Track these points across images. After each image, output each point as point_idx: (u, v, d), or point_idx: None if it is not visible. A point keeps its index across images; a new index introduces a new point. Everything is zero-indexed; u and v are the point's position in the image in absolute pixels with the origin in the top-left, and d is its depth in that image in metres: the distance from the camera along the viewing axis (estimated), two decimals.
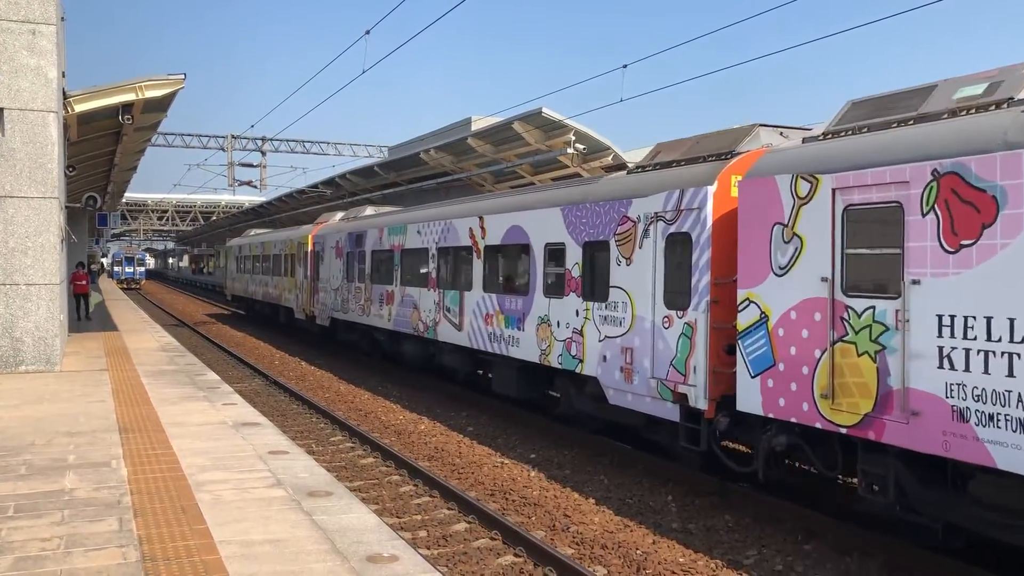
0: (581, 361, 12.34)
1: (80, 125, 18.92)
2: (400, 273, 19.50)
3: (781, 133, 10.76)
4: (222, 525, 6.32)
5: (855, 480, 9.02)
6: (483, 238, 15.39)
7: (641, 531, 9.31)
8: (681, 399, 10.26)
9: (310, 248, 27.55)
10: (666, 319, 10.59)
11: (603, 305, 11.84)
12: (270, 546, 5.88)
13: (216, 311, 49.16)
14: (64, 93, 16.40)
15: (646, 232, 10.99)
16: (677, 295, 10.44)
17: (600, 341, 11.89)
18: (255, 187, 40.31)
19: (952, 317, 7.14)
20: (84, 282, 27.88)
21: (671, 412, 10.47)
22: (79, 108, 16.98)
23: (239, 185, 40.15)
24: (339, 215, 27.56)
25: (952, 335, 7.13)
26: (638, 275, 11.12)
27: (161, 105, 19.14)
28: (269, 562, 5.56)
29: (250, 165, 39.87)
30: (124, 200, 64.69)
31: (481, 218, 15.51)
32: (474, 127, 29.02)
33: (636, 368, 11.08)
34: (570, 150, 22.18)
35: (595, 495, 10.70)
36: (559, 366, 12.89)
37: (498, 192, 16.72)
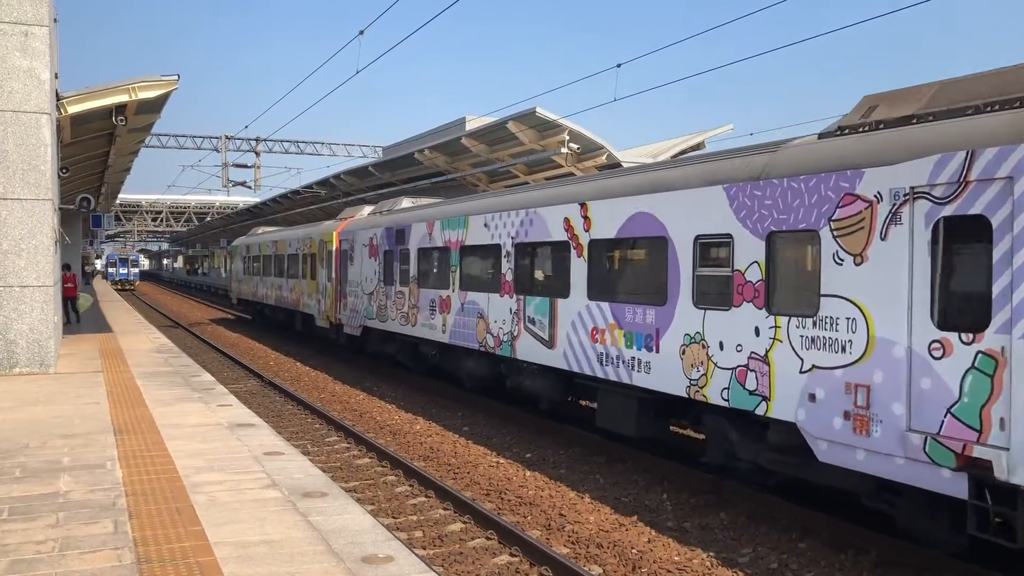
0: (766, 399, 9.00)
1: (73, 126, 18.88)
2: (459, 275, 16.27)
3: None
4: (217, 526, 6.32)
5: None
6: (587, 230, 12.20)
7: (637, 530, 9.33)
8: (973, 466, 7.03)
9: (335, 246, 24.31)
10: (938, 345, 7.33)
11: (809, 321, 8.51)
12: (265, 547, 5.88)
13: (213, 314, 49.07)
14: (57, 94, 16.37)
15: (895, 216, 7.69)
16: (961, 310, 7.22)
17: (804, 373, 8.55)
18: (249, 188, 40.30)
19: None
20: (71, 284, 27.61)
21: (950, 484, 7.15)
22: (72, 109, 16.95)
23: (233, 186, 40.11)
24: (367, 209, 24.19)
25: None
26: (879, 279, 7.81)
27: (154, 106, 19.11)
28: (264, 563, 5.57)
29: (244, 166, 39.83)
30: (118, 201, 64.56)
31: (584, 205, 12.29)
32: (468, 127, 29.03)
33: (877, 415, 7.78)
34: (564, 150, 22.22)
35: (591, 494, 10.72)
36: (723, 403, 9.60)
37: (604, 173, 13.21)
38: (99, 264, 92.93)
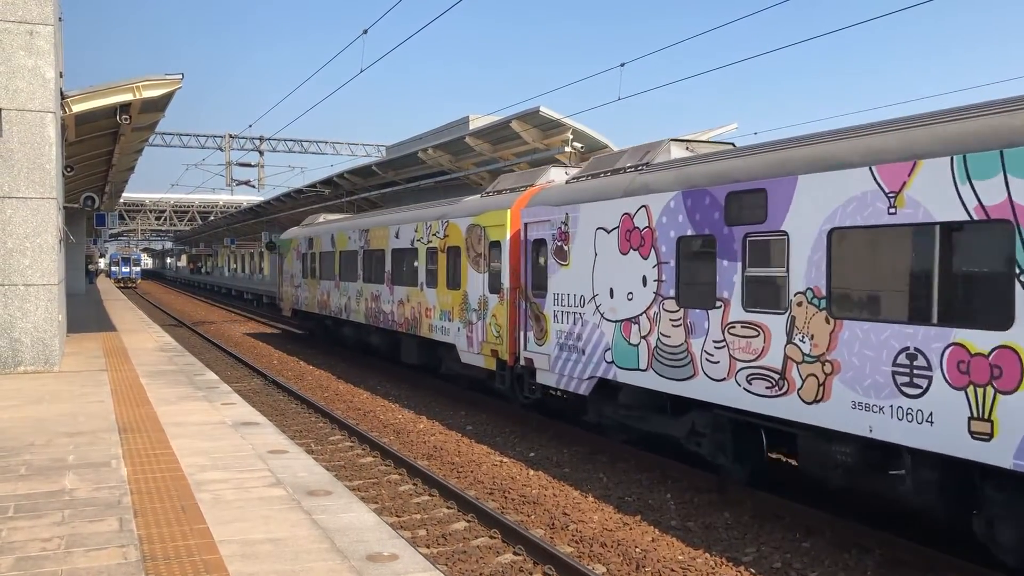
0: None
1: (78, 125, 18.91)
2: None
3: None
4: (222, 524, 6.34)
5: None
6: None
7: (640, 529, 9.34)
8: None
9: (509, 235, 14.70)
10: None
11: None
12: (270, 545, 5.90)
13: (217, 313, 49.18)
14: (62, 93, 16.39)
15: None
16: None
17: None
18: (253, 187, 40.26)
19: None
20: None
21: None
22: (77, 108, 16.96)
23: (237, 185, 40.11)
24: (552, 171, 15.44)
25: None
26: None
27: (158, 105, 19.12)
28: (269, 561, 5.58)
29: (248, 165, 39.84)
30: (122, 200, 64.61)
31: None
32: (472, 126, 29.01)
33: None
34: (568, 148, 22.21)
35: (594, 493, 10.73)
36: None
37: None
38: (103, 263, 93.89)
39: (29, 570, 5.36)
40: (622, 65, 18.16)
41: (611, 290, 11.80)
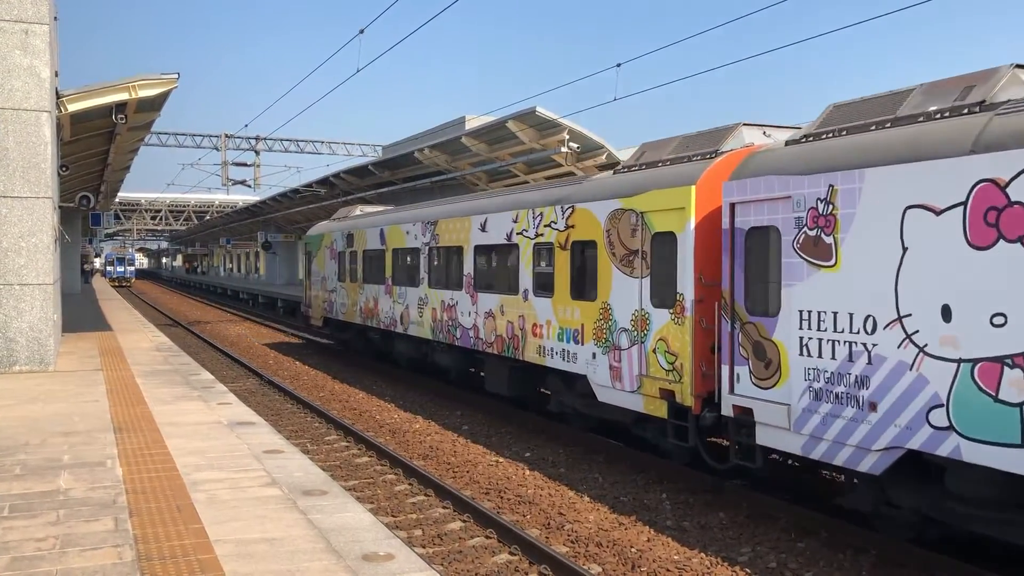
0: None
1: (73, 124, 18.88)
2: None
3: None
4: (218, 524, 6.33)
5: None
6: None
7: (636, 529, 9.35)
8: None
9: (693, 223, 10.33)
10: None
11: None
12: (266, 545, 5.89)
13: (212, 313, 49.11)
14: (57, 93, 16.36)
15: None
16: None
17: None
18: (249, 186, 40.31)
19: None
20: None
21: None
22: (72, 108, 16.93)
23: (233, 184, 40.11)
24: (744, 132, 11.06)
25: None
26: None
27: (154, 104, 19.09)
28: (265, 561, 5.58)
29: (244, 164, 39.83)
30: (117, 200, 64.55)
31: None
32: (468, 126, 29.03)
33: None
34: (564, 149, 22.22)
35: (590, 493, 10.74)
36: None
37: None
38: (98, 263, 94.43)
39: (24, 570, 5.35)
40: (618, 65, 18.18)
41: (945, 308, 7.37)
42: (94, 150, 24.48)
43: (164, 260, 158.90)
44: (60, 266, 21.16)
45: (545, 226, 13.46)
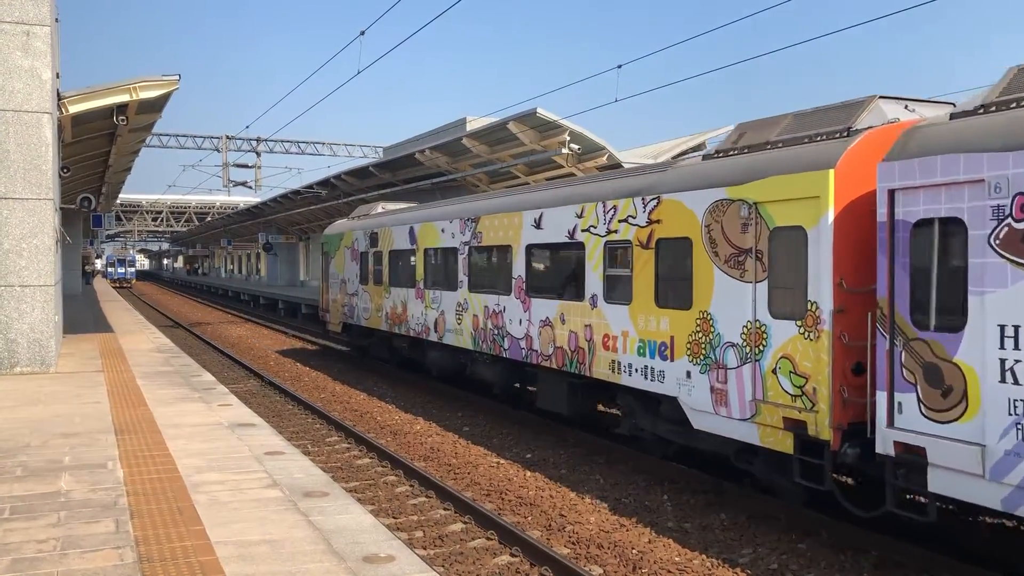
0: None
1: (74, 126, 18.89)
2: None
3: None
4: (219, 526, 6.33)
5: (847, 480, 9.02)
6: None
7: (637, 530, 9.34)
8: None
9: (832, 215, 8.44)
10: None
11: None
12: (267, 546, 5.89)
13: (213, 315, 49.13)
14: (58, 94, 16.38)
15: None
16: None
17: None
18: (250, 188, 40.31)
19: None
20: None
21: None
22: (73, 109, 16.95)
23: (234, 186, 40.12)
24: (881, 105, 9.23)
25: None
26: None
27: (155, 106, 19.11)
28: (266, 562, 5.57)
29: (245, 166, 39.85)
30: (118, 201, 64.60)
31: None
32: (469, 127, 29.04)
33: None
34: (565, 150, 22.24)
35: (591, 494, 10.73)
36: None
37: None
38: (99, 264, 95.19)
39: (25, 571, 5.35)
40: (619, 67, 18.19)
41: None
42: (95, 151, 24.51)
43: (165, 261, 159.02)
44: (61, 267, 21.16)
45: (620, 221, 11.62)
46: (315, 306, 39.74)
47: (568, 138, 22.33)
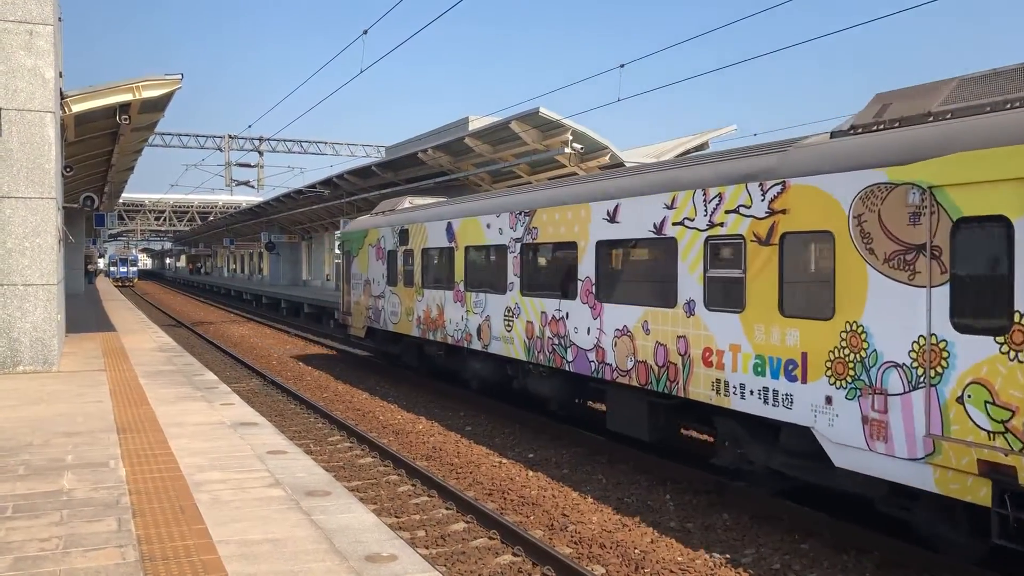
0: None
1: (77, 125, 18.90)
2: None
3: None
4: (221, 525, 6.33)
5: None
6: None
7: (639, 530, 9.33)
8: None
9: None
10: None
11: None
12: (269, 545, 5.89)
13: (216, 314, 49.17)
14: (61, 93, 16.39)
15: None
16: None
17: None
18: (252, 187, 40.29)
19: None
20: None
21: None
22: (76, 108, 16.96)
23: (236, 185, 40.12)
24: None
25: None
26: None
27: (158, 105, 19.12)
28: (268, 561, 5.57)
29: (247, 165, 39.85)
30: (121, 200, 64.65)
31: None
32: (471, 127, 29.02)
33: None
34: (567, 150, 22.22)
35: (593, 494, 10.72)
36: None
37: None
38: (101, 263, 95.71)
39: (27, 570, 5.35)
40: (622, 66, 18.18)
41: None
42: (98, 151, 24.52)
43: (168, 261, 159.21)
44: (64, 266, 21.18)
45: (728, 212, 9.70)
46: (317, 306, 39.76)
47: (571, 137, 22.33)
